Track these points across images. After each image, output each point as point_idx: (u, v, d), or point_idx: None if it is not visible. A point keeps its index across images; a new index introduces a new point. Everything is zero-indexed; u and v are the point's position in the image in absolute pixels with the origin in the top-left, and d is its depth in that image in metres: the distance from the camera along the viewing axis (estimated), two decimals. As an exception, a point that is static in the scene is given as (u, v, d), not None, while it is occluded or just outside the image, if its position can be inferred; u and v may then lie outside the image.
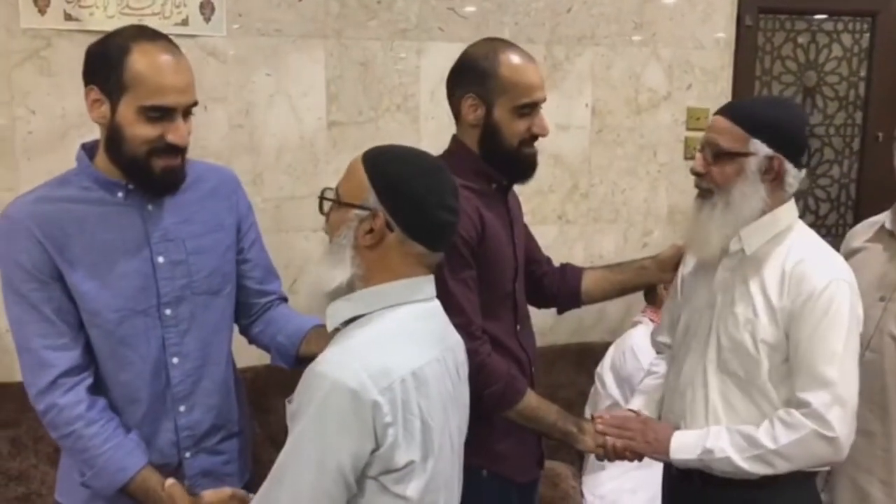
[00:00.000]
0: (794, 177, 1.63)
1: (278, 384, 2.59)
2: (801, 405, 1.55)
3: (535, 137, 1.76)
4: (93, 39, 2.33)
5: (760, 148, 1.59)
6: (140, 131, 1.46)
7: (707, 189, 1.66)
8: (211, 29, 2.49)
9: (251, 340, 1.80)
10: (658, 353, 1.97)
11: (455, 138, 1.82)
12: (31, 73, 2.37)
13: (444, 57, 2.69)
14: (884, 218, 1.89)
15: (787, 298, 1.59)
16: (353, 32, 2.63)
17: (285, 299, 1.86)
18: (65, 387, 1.50)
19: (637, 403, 1.89)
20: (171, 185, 1.55)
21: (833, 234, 3.41)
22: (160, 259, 1.56)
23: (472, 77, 1.73)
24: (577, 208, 2.96)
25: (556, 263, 2.11)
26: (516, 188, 1.90)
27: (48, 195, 1.53)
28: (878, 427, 1.77)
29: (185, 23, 2.45)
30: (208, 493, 1.54)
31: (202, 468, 1.65)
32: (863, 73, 3.30)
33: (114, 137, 1.48)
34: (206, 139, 2.52)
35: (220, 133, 2.55)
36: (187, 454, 1.63)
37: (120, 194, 1.54)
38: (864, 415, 1.74)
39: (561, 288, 2.03)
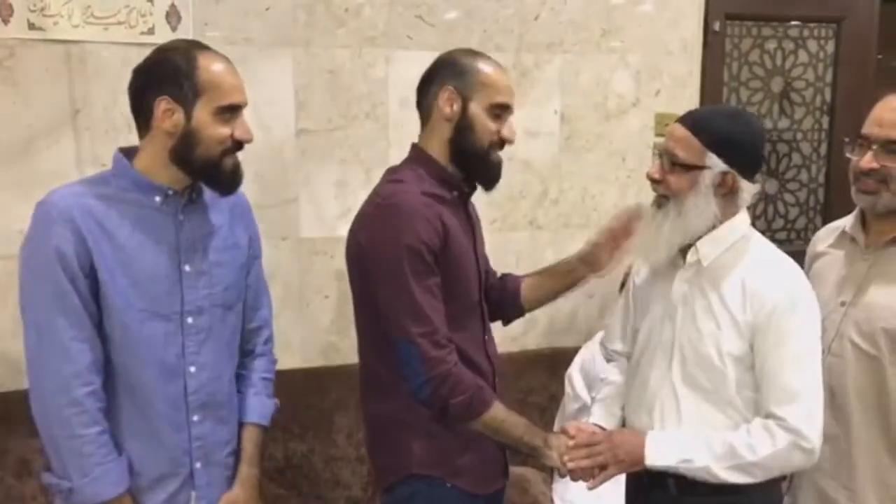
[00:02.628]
0: (748, 192, 1.65)
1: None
2: (776, 419, 1.58)
3: (503, 143, 1.78)
4: (57, 48, 2.38)
5: (716, 163, 1.61)
6: (216, 132, 1.57)
7: (663, 195, 1.67)
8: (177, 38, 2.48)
9: None
10: (608, 360, 1.97)
11: (415, 146, 1.83)
12: (-5, 83, 2.35)
13: (412, 65, 2.69)
14: (846, 222, 1.92)
15: (749, 312, 1.61)
16: (321, 41, 2.63)
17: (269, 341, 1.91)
18: (85, 381, 1.52)
19: (597, 415, 1.88)
20: (238, 183, 1.66)
21: (802, 239, 3.44)
22: (187, 267, 1.63)
23: (451, 72, 1.76)
24: (547, 214, 2.97)
25: (532, 269, 2.11)
26: (487, 195, 1.90)
27: (89, 190, 1.58)
28: (839, 431, 1.79)
29: (150, 32, 2.44)
30: None
31: (210, 480, 1.69)
32: (829, 79, 3.34)
33: (187, 143, 1.57)
34: (173, 148, 2.50)
35: (188, 142, 2.54)
36: (198, 464, 1.66)
37: (157, 198, 1.60)
38: (825, 420, 1.76)
39: (503, 298, 2.03)
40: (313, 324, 2.74)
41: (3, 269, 2.41)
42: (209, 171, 1.60)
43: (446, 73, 1.76)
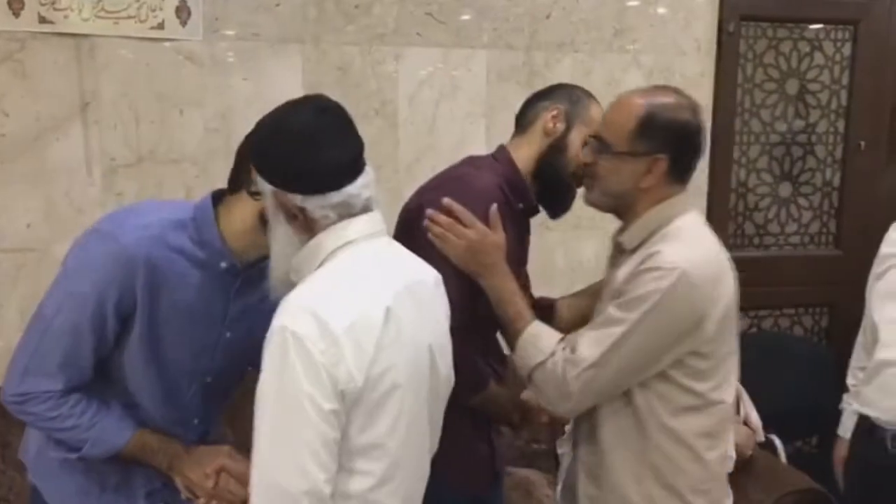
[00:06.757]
0: (320, 206, 1.29)
1: (250, 390, 2.57)
2: None
3: (582, 178, 1.77)
4: (67, 42, 2.39)
5: (264, 186, 1.32)
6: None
7: None
8: (187, 33, 2.48)
9: None
10: None
11: (503, 148, 1.84)
12: (5, 76, 2.35)
13: (421, 62, 2.71)
14: None
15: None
16: (330, 37, 2.62)
17: None
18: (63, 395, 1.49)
19: None
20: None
21: (816, 243, 3.41)
22: (228, 334, 1.56)
23: (567, 96, 1.82)
24: (556, 215, 2.95)
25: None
26: None
27: (165, 239, 1.46)
28: None
29: (160, 26, 2.44)
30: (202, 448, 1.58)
31: None
32: (845, 82, 3.29)
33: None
34: (182, 143, 2.51)
35: (197, 137, 2.54)
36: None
37: (223, 264, 1.51)
38: None
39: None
40: (319, 321, 2.73)
41: (12, 263, 2.42)
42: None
43: (563, 95, 1.82)
